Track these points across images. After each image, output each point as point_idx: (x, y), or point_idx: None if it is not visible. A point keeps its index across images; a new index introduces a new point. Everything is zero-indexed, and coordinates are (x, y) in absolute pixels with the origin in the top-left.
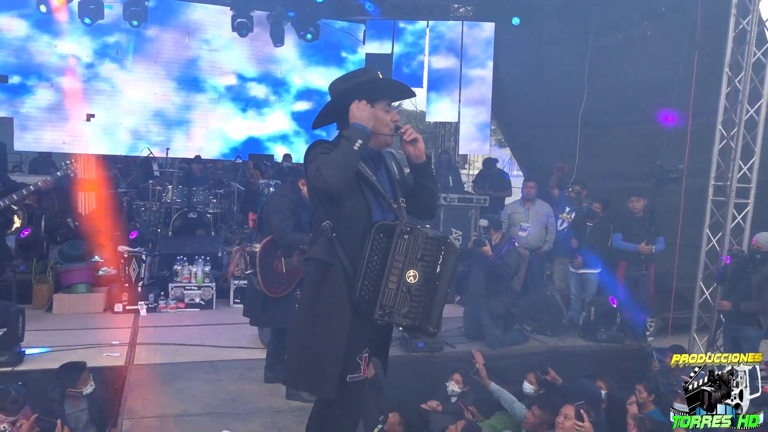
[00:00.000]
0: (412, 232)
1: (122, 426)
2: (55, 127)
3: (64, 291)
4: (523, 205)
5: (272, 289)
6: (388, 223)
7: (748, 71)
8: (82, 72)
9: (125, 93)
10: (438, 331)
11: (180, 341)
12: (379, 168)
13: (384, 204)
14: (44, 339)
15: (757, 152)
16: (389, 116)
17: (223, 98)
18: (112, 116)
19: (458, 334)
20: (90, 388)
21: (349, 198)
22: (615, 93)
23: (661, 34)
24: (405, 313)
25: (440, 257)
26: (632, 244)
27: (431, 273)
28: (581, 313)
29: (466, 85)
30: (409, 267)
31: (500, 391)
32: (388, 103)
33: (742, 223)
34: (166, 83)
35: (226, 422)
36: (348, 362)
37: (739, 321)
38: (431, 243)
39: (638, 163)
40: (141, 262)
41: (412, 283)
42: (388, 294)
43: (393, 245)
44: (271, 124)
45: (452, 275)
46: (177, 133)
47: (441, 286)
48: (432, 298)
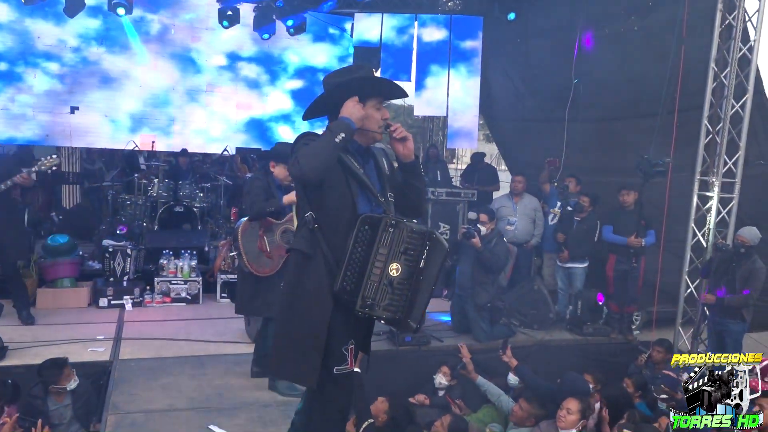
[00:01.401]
0: (397, 225)
1: (107, 421)
2: (37, 119)
3: (48, 285)
4: (511, 199)
5: (260, 268)
6: (373, 215)
7: (734, 66)
8: (65, 62)
9: (113, 83)
10: (420, 327)
11: (166, 336)
12: (367, 162)
13: (371, 197)
14: (28, 334)
15: (742, 147)
16: (380, 114)
17: (219, 81)
18: (99, 108)
19: (445, 328)
20: (73, 384)
21: (334, 190)
22: (602, 87)
23: (648, 28)
24: (386, 306)
25: (424, 252)
26: (622, 237)
27: (414, 267)
28: (568, 307)
29: (455, 79)
30: (393, 260)
31: (487, 384)
32: (380, 100)
33: (727, 217)
34: (156, 71)
35: (212, 417)
36: (333, 354)
37: (723, 315)
38: (416, 237)
39: (625, 157)
40: (126, 256)
41: (395, 276)
42: (370, 286)
43: (378, 237)
44: (271, 103)
45: (438, 271)
46: (176, 120)
47: (425, 281)
48: (415, 292)
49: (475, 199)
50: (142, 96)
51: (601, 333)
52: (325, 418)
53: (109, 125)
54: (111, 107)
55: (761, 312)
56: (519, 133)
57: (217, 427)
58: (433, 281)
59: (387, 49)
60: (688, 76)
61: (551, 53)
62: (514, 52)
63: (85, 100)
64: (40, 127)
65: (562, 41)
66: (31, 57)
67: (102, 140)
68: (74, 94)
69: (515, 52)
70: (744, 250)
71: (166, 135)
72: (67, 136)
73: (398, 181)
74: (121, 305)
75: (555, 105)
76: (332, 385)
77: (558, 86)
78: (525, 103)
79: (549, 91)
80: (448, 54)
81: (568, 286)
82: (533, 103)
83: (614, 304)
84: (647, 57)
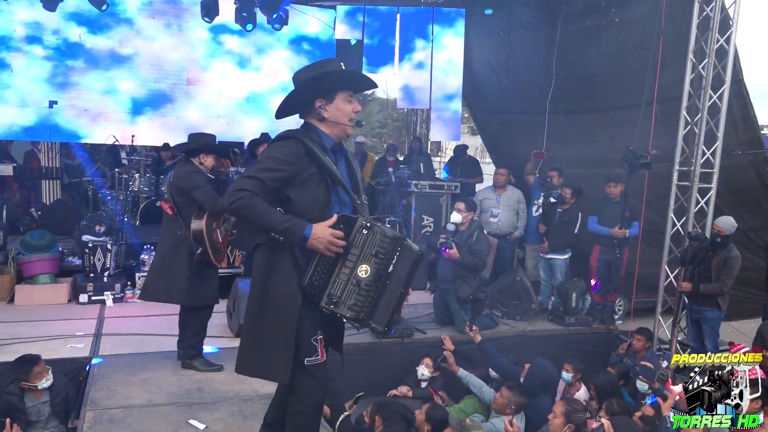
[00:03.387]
0: (371, 228)
1: (85, 417)
2: (15, 112)
3: (26, 282)
4: (494, 191)
5: (219, 259)
6: (349, 215)
7: (711, 58)
8: (43, 54)
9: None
10: (386, 329)
11: (146, 331)
12: (339, 160)
13: (345, 198)
14: (6, 331)
15: (720, 138)
16: (350, 107)
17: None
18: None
19: (428, 320)
20: (45, 383)
21: (307, 188)
22: (583, 79)
23: (628, 20)
24: (351, 305)
25: (395, 257)
26: (607, 228)
27: (383, 270)
28: (550, 298)
29: (438, 71)
30: (363, 262)
31: (469, 376)
32: (350, 93)
33: (705, 207)
34: (144, 57)
35: (192, 411)
36: (303, 346)
37: (700, 303)
38: (388, 242)
39: (606, 149)
40: (107, 251)
41: (363, 277)
42: (338, 284)
43: (351, 238)
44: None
45: (407, 277)
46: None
47: (391, 285)
48: (380, 294)
49: (458, 191)
50: (124, 89)
51: (582, 323)
52: (300, 410)
53: (89, 119)
54: (90, 101)
55: (742, 301)
56: (503, 126)
57: (196, 421)
58: (400, 285)
59: (369, 41)
60: (667, 68)
61: (534, 45)
62: (498, 44)
63: (65, 94)
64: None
65: (544, 33)
66: (10, 48)
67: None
68: (53, 88)
69: (499, 44)
70: (719, 239)
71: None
72: (46, 131)
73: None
74: (102, 301)
75: (538, 97)
76: (306, 377)
77: (541, 78)
78: (509, 96)
79: (532, 84)
80: (431, 46)
81: (550, 277)
82: (517, 96)
83: (597, 295)
84: (628, 49)
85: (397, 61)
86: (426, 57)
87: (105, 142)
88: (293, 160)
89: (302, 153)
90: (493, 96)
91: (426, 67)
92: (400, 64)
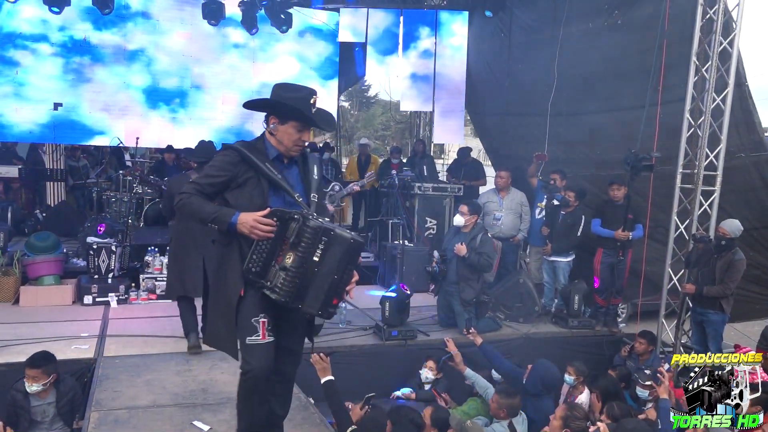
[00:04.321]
0: (298, 220)
1: (90, 418)
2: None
3: (31, 283)
4: (497, 194)
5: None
6: (284, 210)
7: (715, 60)
8: (48, 56)
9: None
10: (322, 314)
11: (151, 333)
12: (289, 168)
13: (286, 197)
14: (11, 332)
15: (723, 140)
16: (298, 135)
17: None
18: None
19: (432, 322)
20: (35, 387)
21: (243, 191)
22: (585, 81)
23: (630, 22)
24: (278, 289)
25: (318, 246)
26: (610, 230)
27: (307, 258)
28: (554, 301)
29: (441, 74)
30: (291, 250)
31: (475, 377)
32: (302, 124)
33: (709, 209)
34: (137, 66)
35: (196, 412)
36: (244, 326)
37: (703, 305)
38: (310, 232)
39: (609, 151)
40: (111, 253)
41: (288, 264)
42: (272, 271)
43: (283, 229)
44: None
45: (339, 264)
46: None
47: (321, 273)
48: (308, 281)
49: (462, 194)
50: (128, 92)
51: (586, 326)
52: (247, 386)
53: (93, 121)
54: (95, 103)
55: (747, 300)
56: (503, 128)
57: (201, 423)
58: (333, 273)
59: (372, 44)
60: (670, 70)
61: (535, 47)
62: (498, 46)
63: (69, 96)
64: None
65: (545, 35)
66: (7, 55)
67: (86, 137)
68: (57, 91)
69: (499, 47)
70: (724, 242)
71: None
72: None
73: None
74: (106, 302)
75: (539, 99)
76: (247, 355)
77: (542, 80)
78: (509, 98)
79: (533, 86)
80: (434, 49)
81: (553, 279)
82: (517, 98)
83: (600, 298)
84: (631, 51)
85: (399, 64)
86: (429, 59)
87: (109, 145)
88: (229, 168)
89: (237, 161)
90: (493, 98)
91: (429, 69)
92: (402, 68)
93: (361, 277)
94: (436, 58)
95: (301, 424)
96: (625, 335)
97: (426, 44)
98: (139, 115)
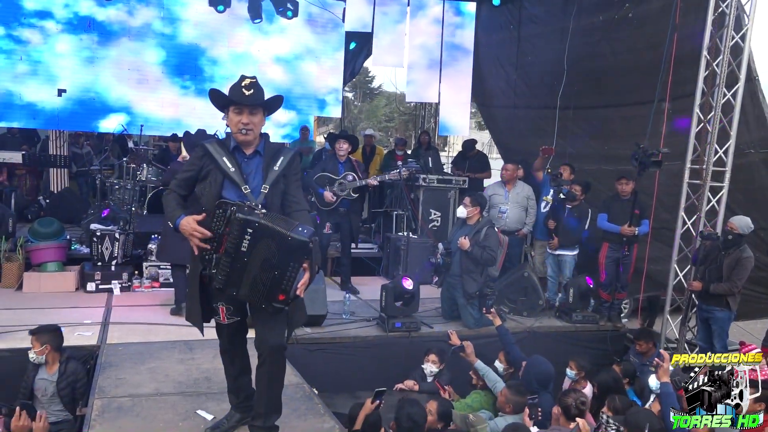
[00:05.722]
0: (234, 211)
1: (93, 405)
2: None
3: (34, 269)
4: (503, 186)
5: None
6: (227, 201)
7: (726, 55)
8: (51, 43)
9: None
10: (267, 307)
11: (154, 321)
12: (251, 158)
13: (236, 189)
14: (14, 318)
15: (733, 136)
16: (237, 118)
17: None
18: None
19: (436, 314)
20: (34, 357)
21: (206, 184)
22: (595, 75)
23: (641, 16)
24: (217, 277)
25: (244, 237)
26: (616, 225)
27: (233, 250)
28: (558, 294)
29: (447, 65)
30: (227, 240)
31: (485, 369)
32: (237, 106)
33: (717, 206)
34: (143, 53)
35: (200, 401)
36: (205, 308)
37: (710, 302)
38: (236, 223)
39: (617, 145)
40: (114, 240)
41: (221, 255)
42: (215, 259)
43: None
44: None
45: (277, 259)
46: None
47: (251, 264)
48: (239, 271)
49: (466, 186)
50: (133, 78)
51: (589, 321)
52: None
53: (97, 108)
54: (98, 90)
55: (751, 300)
56: (511, 121)
57: (204, 411)
58: (271, 267)
59: (379, 34)
60: (681, 64)
61: (544, 40)
62: (507, 38)
63: (73, 82)
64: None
65: (555, 28)
66: (10, 39)
67: (90, 123)
68: (61, 78)
69: (508, 39)
70: (732, 237)
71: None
72: (54, 119)
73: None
74: (109, 290)
75: (547, 92)
76: (217, 332)
77: (550, 73)
78: (517, 90)
79: (541, 79)
80: (441, 40)
81: (557, 273)
82: (525, 91)
83: (605, 293)
84: (641, 44)
85: (406, 54)
86: (435, 50)
87: (113, 131)
88: (196, 162)
89: (201, 155)
90: (502, 90)
91: (435, 61)
92: (409, 56)
93: (364, 268)
94: (442, 49)
95: (305, 414)
96: (628, 330)
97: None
98: (152, 90)
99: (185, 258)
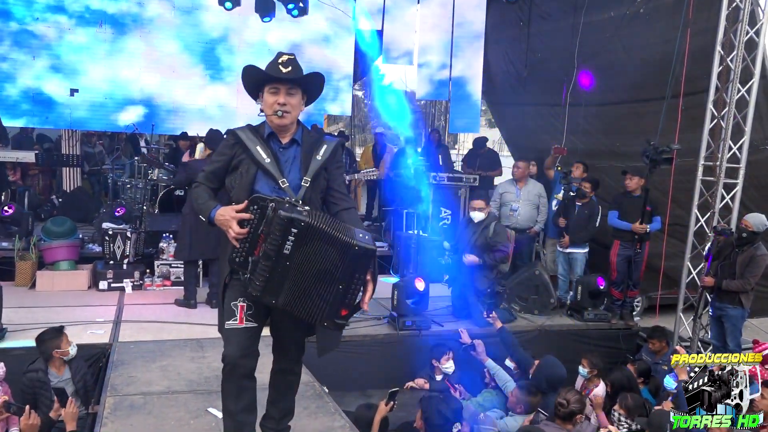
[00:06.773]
0: (273, 209)
1: (105, 403)
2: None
3: (47, 268)
4: (515, 184)
5: None
6: (264, 196)
7: (740, 50)
8: (62, 42)
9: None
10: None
11: (165, 319)
12: (288, 148)
13: (271, 183)
14: (28, 316)
15: (747, 132)
16: (273, 99)
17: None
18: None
19: (446, 313)
20: (73, 350)
21: (237, 174)
22: (605, 71)
23: (653, 11)
24: (252, 282)
25: (287, 239)
26: (627, 222)
27: (275, 252)
28: (569, 293)
29: (457, 62)
30: (265, 241)
31: (496, 368)
32: (273, 86)
33: (731, 203)
34: (157, 54)
35: (211, 400)
36: (225, 310)
37: (722, 300)
38: (279, 223)
39: (629, 142)
40: (126, 239)
41: (259, 257)
42: (251, 262)
43: (261, 217)
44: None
45: (327, 266)
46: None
47: (293, 268)
48: (281, 277)
49: (477, 184)
50: (143, 79)
51: (601, 319)
52: (223, 374)
53: (109, 108)
54: (111, 90)
55: (764, 297)
56: (521, 118)
57: (215, 409)
58: (316, 275)
59: (389, 31)
60: (694, 60)
61: (554, 36)
62: (517, 35)
63: (85, 82)
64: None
65: (565, 24)
66: (22, 39)
67: (102, 123)
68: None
69: (518, 36)
70: (746, 235)
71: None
72: (66, 119)
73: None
74: (121, 288)
75: (558, 89)
76: (226, 340)
77: (561, 70)
78: (526, 87)
79: (551, 75)
80: (451, 37)
81: (568, 271)
82: (535, 87)
83: (616, 291)
84: (653, 40)
85: (416, 52)
86: (446, 47)
87: (125, 131)
88: (226, 151)
89: (231, 144)
90: (511, 87)
91: (446, 58)
92: (419, 54)
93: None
94: (452, 46)
95: (315, 413)
96: (641, 329)
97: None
98: (170, 82)
99: (204, 253)
